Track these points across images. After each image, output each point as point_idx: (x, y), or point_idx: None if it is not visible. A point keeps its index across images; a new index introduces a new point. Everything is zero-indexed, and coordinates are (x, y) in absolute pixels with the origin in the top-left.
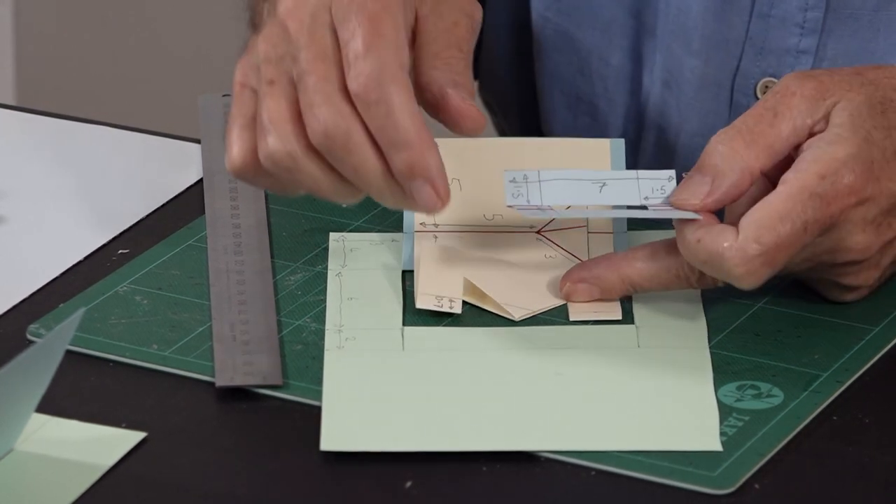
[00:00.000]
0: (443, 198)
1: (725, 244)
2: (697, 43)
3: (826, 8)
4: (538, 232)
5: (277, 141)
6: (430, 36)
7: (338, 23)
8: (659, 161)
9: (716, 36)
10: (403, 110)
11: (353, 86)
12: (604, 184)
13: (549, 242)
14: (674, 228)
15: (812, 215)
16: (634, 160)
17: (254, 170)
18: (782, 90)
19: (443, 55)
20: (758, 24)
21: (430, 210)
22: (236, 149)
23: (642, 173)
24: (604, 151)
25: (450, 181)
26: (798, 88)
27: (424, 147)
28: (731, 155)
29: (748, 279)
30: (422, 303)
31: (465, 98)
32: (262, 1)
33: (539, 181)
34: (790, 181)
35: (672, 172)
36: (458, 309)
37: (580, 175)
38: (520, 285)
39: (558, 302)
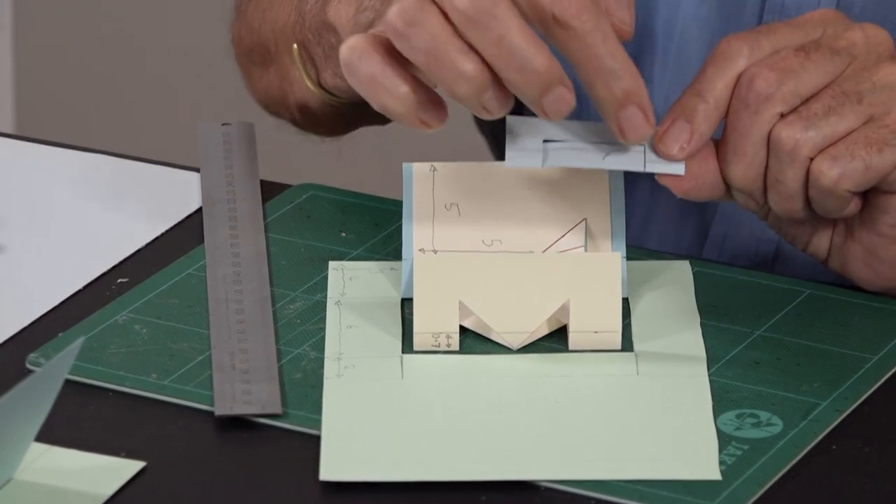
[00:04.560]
0: (652, 123)
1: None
2: None
3: None
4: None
5: (410, 1)
6: None
7: None
8: (659, 202)
9: None
10: (615, 39)
11: (563, 13)
12: (609, 152)
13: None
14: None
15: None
16: (633, 207)
17: (364, 54)
18: None
19: None
20: None
21: (639, 139)
22: (358, 37)
23: (651, 148)
24: (602, 181)
25: (448, 206)
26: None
27: (636, 73)
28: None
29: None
30: (419, 344)
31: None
32: None
33: (543, 147)
34: None
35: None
36: (455, 346)
37: (585, 146)
38: (519, 309)
39: (557, 325)
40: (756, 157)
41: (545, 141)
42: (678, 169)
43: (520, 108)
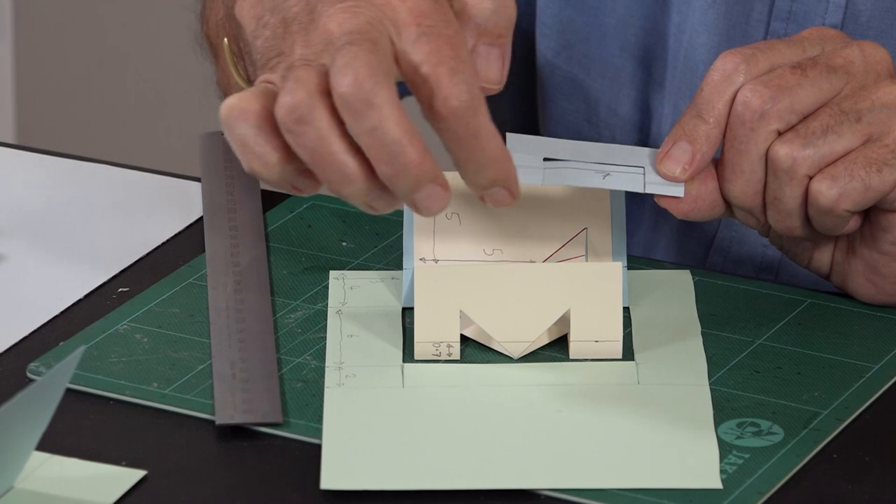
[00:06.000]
0: (515, 196)
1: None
2: None
3: None
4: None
5: (301, 92)
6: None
7: (408, 44)
8: (664, 214)
9: None
10: (489, 128)
11: (445, 110)
12: (608, 173)
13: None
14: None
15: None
16: (640, 210)
17: (240, 115)
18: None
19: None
20: None
21: (500, 206)
22: (238, 96)
23: (650, 170)
24: (604, 191)
25: (449, 216)
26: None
27: (505, 160)
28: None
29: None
30: (420, 353)
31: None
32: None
33: (543, 167)
34: None
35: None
36: (456, 355)
37: (585, 165)
38: (520, 318)
39: (558, 334)
40: (754, 175)
41: (545, 159)
42: (677, 191)
43: (519, 128)
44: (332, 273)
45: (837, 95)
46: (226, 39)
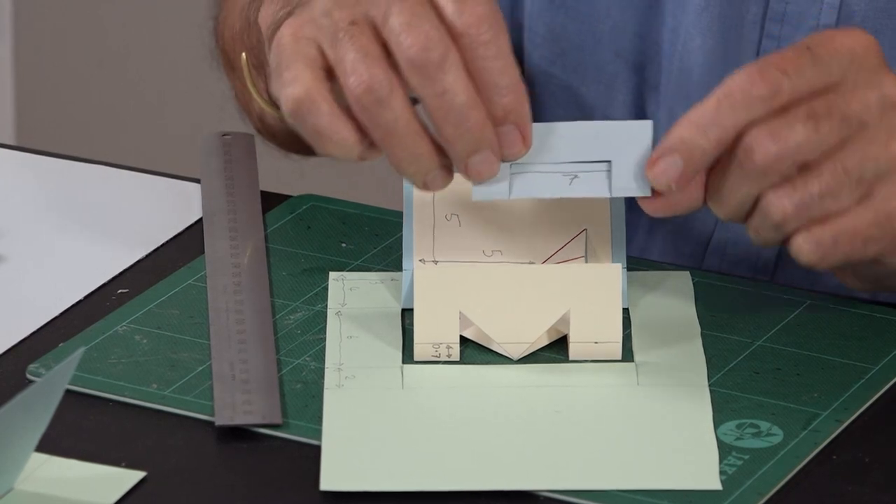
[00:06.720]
0: (527, 144)
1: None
2: None
3: None
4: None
5: (377, 70)
6: None
7: None
8: (661, 219)
9: None
10: (509, 55)
11: (461, 22)
12: (575, 175)
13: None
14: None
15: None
16: (636, 214)
17: (312, 106)
18: None
19: None
20: None
21: (512, 156)
22: (301, 82)
23: (617, 164)
24: (603, 204)
25: (448, 217)
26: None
27: (522, 93)
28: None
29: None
30: (420, 354)
31: None
32: None
33: (510, 174)
34: None
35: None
36: (455, 356)
37: (552, 168)
38: (519, 319)
39: (557, 335)
40: (741, 208)
41: (511, 164)
42: (644, 191)
43: None
44: (332, 274)
45: (845, 147)
46: (244, 54)
